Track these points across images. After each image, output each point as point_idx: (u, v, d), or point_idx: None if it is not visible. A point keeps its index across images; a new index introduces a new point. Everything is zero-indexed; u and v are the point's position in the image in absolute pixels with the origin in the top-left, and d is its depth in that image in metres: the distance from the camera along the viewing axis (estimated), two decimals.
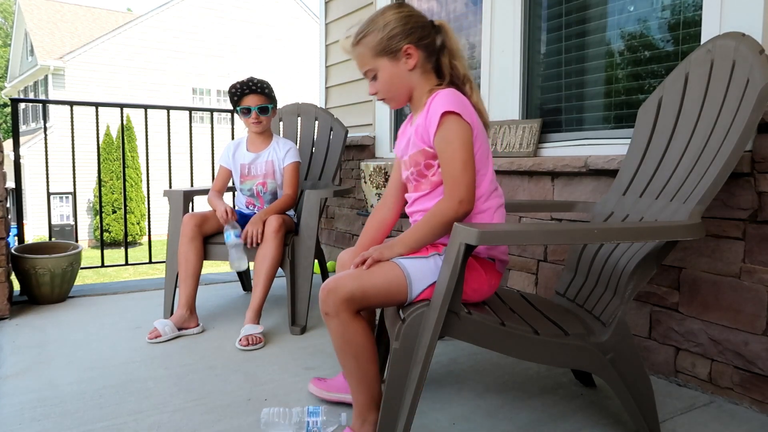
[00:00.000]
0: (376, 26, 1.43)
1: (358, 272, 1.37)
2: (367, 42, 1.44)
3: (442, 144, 1.38)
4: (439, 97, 1.40)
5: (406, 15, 1.43)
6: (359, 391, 1.41)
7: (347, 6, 3.88)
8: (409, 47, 1.42)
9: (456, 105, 1.37)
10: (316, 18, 19.41)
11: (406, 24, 1.42)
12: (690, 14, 1.94)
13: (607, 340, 1.43)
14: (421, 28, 1.43)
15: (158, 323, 2.31)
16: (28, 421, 1.60)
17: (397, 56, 1.43)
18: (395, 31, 1.41)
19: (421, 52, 1.44)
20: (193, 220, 2.44)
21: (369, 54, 1.44)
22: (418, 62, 1.44)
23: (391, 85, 1.47)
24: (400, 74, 1.45)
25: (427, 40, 1.44)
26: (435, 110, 1.38)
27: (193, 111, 3.73)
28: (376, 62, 1.45)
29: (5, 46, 30.62)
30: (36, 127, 18.39)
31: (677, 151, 1.62)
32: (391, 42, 1.41)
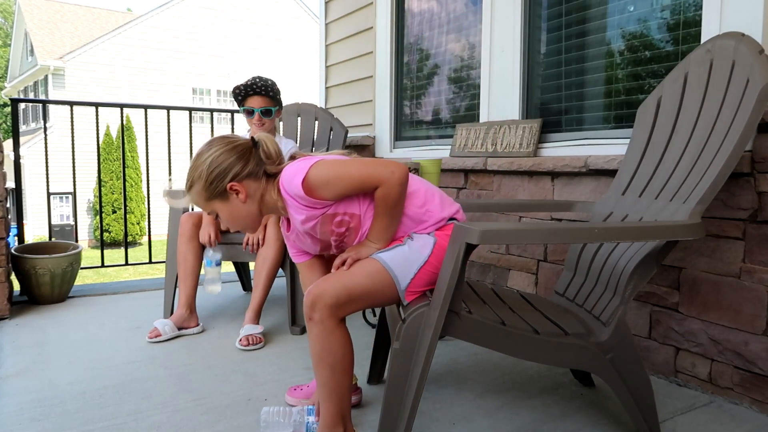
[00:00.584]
0: (196, 174, 1.41)
1: (340, 274, 1.36)
2: (195, 190, 1.43)
3: (331, 188, 1.37)
4: (285, 185, 1.38)
5: (220, 153, 1.40)
6: (329, 403, 1.36)
7: (347, 6, 3.88)
8: (232, 185, 1.40)
9: (297, 171, 1.36)
10: (316, 18, 19.42)
11: (221, 163, 1.39)
12: (690, 14, 1.94)
13: (607, 339, 1.43)
14: (237, 159, 1.40)
15: (158, 323, 2.31)
16: (28, 421, 1.60)
17: (225, 195, 1.42)
18: (213, 174, 1.39)
19: (247, 182, 1.41)
20: (191, 219, 2.44)
21: (201, 200, 1.44)
22: (248, 191, 1.42)
23: (234, 219, 1.46)
24: (237, 208, 1.44)
25: (248, 167, 1.41)
26: (297, 193, 1.36)
27: (193, 111, 3.73)
28: (212, 205, 1.44)
29: (5, 46, 30.63)
30: (36, 127, 18.39)
31: (677, 151, 1.62)
32: (213, 186, 1.40)
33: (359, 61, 3.79)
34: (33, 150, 16.38)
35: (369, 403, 1.71)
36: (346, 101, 3.99)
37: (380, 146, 3.61)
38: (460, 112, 3.02)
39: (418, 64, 3.35)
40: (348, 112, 3.92)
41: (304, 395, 1.71)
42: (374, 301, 1.39)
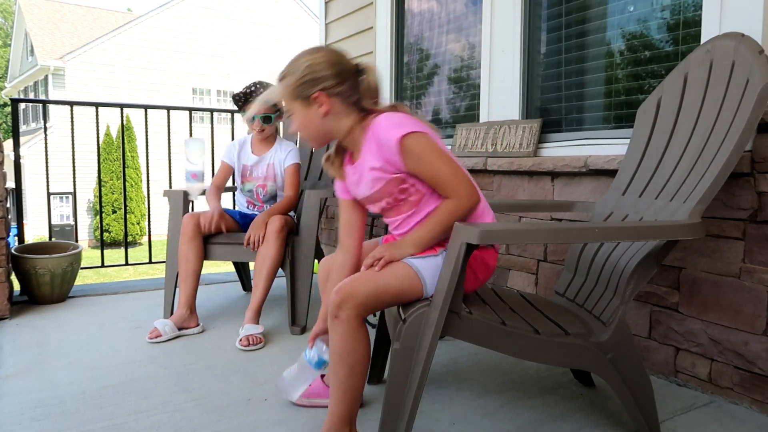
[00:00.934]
0: (291, 69, 1.42)
1: (372, 275, 1.35)
2: (285, 84, 1.43)
3: (417, 165, 1.37)
4: (381, 128, 1.37)
5: (319, 62, 1.40)
6: (341, 402, 1.35)
7: (347, 6, 3.88)
8: (318, 94, 1.40)
9: (402, 126, 1.35)
10: (316, 18, 19.42)
11: (317, 72, 1.39)
12: (690, 14, 1.94)
13: (607, 339, 1.43)
14: (334, 76, 1.40)
15: (158, 323, 2.31)
16: (28, 421, 1.60)
17: (309, 102, 1.41)
18: (305, 78, 1.39)
19: (334, 99, 1.41)
20: (192, 219, 2.44)
21: (286, 96, 1.44)
22: (332, 108, 1.41)
23: (305, 128, 1.46)
24: (314, 119, 1.43)
25: (342, 86, 1.41)
26: (387, 142, 1.36)
27: (193, 111, 3.73)
28: (292, 105, 1.44)
29: (5, 46, 30.63)
30: (36, 127, 18.39)
31: (677, 151, 1.62)
32: (302, 88, 1.40)
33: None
34: (33, 150, 16.38)
35: (369, 403, 1.71)
36: None
37: None
38: (460, 112, 3.02)
39: (418, 64, 3.35)
40: None
41: (306, 395, 1.71)
42: (396, 304, 1.38)
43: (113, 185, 15.17)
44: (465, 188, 1.37)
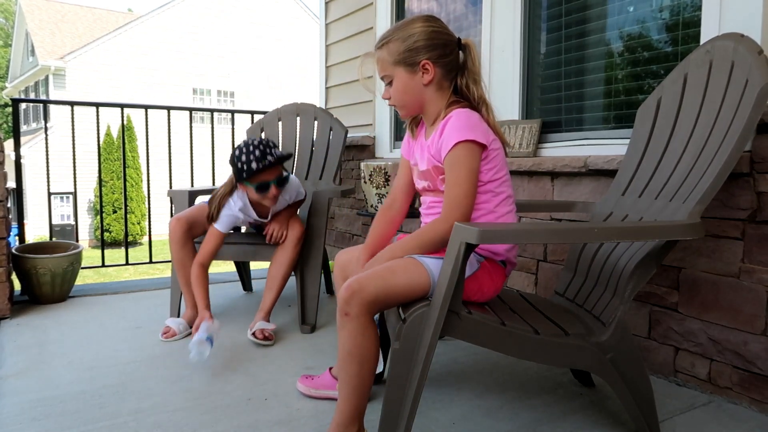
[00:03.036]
0: (401, 35, 1.44)
1: (381, 272, 1.35)
2: (389, 48, 1.45)
3: (451, 166, 1.41)
4: (454, 120, 1.41)
5: (433, 30, 1.44)
6: (350, 399, 1.36)
7: (347, 6, 3.88)
8: (426, 62, 1.43)
9: (469, 130, 1.39)
10: (316, 18, 19.42)
11: (429, 39, 1.43)
12: (689, 15, 1.95)
13: (607, 339, 1.43)
14: (443, 46, 1.45)
15: (171, 322, 2.32)
16: (29, 420, 1.60)
17: (415, 69, 1.44)
18: (417, 44, 1.43)
19: (438, 69, 1.45)
20: (180, 224, 2.32)
21: (389, 60, 1.46)
22: (435, 78, 1.45)
23: (404, 94, 1.49)
24: (415, 87, 1.47)
25: (448, 58, 1.46)
26: (449, 134, 1.40)
27: (193, 111, 3.73)
28: (394, 70, 1.47)
29: (6, 46, 30.63)
30: (37, 127, 18.40)
31: (676, 151, 1.63)
32: (410, 54, 1.43)
33: (359, 62, 3.79)
34: (34, 150, 16.39)
35: (369, 403, 1.70)
36: (346, 101, 3.99)
37: (380, 146, 3.61)
38: None
39: None
40: (348, 112, 3.92)
41: (314, 385, 1.72)
42: (404, 302, 1.39)
43: (114, 185, 15.17)
44: (459, 217, 1.39)
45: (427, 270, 1.37)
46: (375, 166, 2.59)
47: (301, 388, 1.74)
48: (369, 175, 2.57)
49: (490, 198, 1.48)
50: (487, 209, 1.48)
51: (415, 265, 1.38)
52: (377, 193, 2.61)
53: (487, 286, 1.48)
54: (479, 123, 1.43)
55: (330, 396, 1.71)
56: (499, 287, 1.53)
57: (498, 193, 1.48)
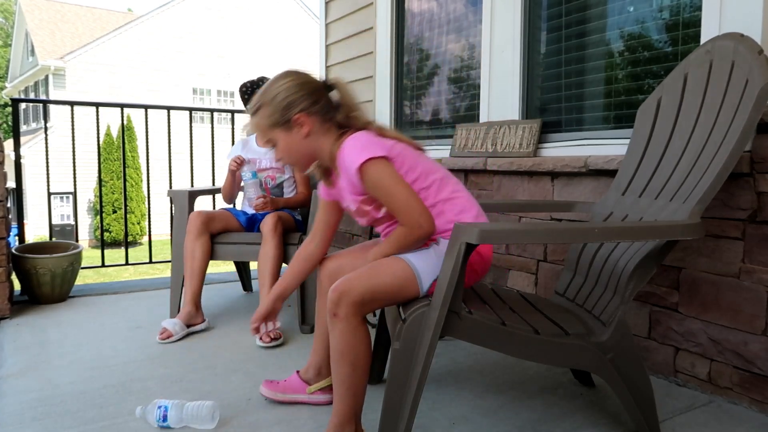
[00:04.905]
0: (266, 99, 1.44)
1: (368, 272, 1.36)
2: (261, 114, 1.45)
3: (375, 191, 1.41)
4: (345, 153, 1.40)
5: (294, 84, 1.43)
6: (345, 400, 1.37)
7: (347, 6, 3.88)
8: (299, 116, 1.42)
9: (363, 150, 1.37)
10: (316, 18, 19.42)
11: (293, 94, 1.42)
12: (689, 15, 1.95)
13: (607, 339, 1.43)
14: (309, 95, 1.43)
15: (167, 323, 2.32)
16: (29, 420, 1.60)
17: (290, 126, 1.43)
18: (284, 102, 1.42)
19: (314, 117, 1.44)
20: (199, 217, 2.44)
21: (264, 125, 1.45)
22: (313, 127, 1.44)
23: (290, 153, 1.48)
24: (297, 142, 1.45)
25: (319, 104, 1.44)
26: (350, 168, 1.39)
27: (193, 111, 3.73)
28: (272, 133, 1.46)
29: (6, 46, 30.62)
30: (36, 127, 18.40)
31: (676, 151, 1.63)
32: (281, 114, 1.42)
33: (359, 61, 3.79)
34: (33, 150, 16.38)
35: (369, 403, 1.71)
36: None
37: None
38: (460, 112, 3.02)
39: (418, 64, 3.35)
40: None
41: (280, 389, 1.71)
42: (395, 300, 1.40)
43: (113, 185, 15.17)
44: (414, 218, 1.39)
45: (411, 266, 1.37)
46: None
47: (266, 392, 1.71)
48: None
49: (424, 196, 1.46)
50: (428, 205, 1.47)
51: (399, 262, 1.38)
52: None
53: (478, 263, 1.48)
54: (369, 140, 1.41)
55: (299, 400, 1.70)
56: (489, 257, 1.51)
57: (427, 187, 1.46)
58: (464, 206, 1.49)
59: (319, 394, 1.70)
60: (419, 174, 1.45)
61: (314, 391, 1.70)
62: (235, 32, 20.07)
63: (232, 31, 20.04)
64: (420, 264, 1.38)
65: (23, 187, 3.54)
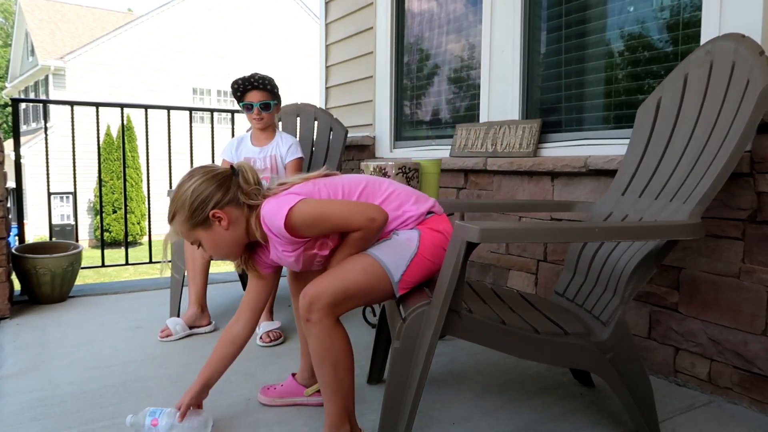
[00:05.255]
0: (177, 205, 1.42)
1: (334, 273, 1.37)
2: (178, 220, 1.44)
3: (312, 228, 1.39)
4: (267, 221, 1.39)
5: (200, 182, 1.42)
6: (334, 402, 1.37)
7: (347, 6, 3.88)
8: (214, 212, 1.41)
9: (279, 210, 1.36)
10: (316, 18, 19.42)
11: (203, 191, 1.41)
12: (689, 15, 1.95)
13: (607, 339, 1.43)
14: (218, 188, 1.42)
15: (170, 321, 2.32)
16: (29, 420, 1.60)
17: (208, 223, 1.42)
18: (194, 204, 1.40)
19: (228, 208, 1.42)
20: None
21: (184, 229, 1.44)
22: (231, 217, 1.43)
23: (216, 247, 1.47)
24: (220, 236, 1.44)
25: (229, 195, 1.43)
26: (279, 231, 1.37)
27: (193, 111, 3.73)
28: (195, 234, 1.45)
29: (6, 46, 30.62)
30: (36, 127, 18.39)
31: (677, 152, 1.63)
32: (196, 215, 1.41)
33: (359, 61, 3.79)
34: (33, 150, 16.38)
35: (369, 403, 1.71)
36: (346, 101, 3.99)
37: (380, 146, 3.61)
38: (460, 112, 3.02)
39: (418, 64, 3.35)
40: (348, 112, 3.92)
41: (277, 394, 1.71)
42: (369, 298, 1.40)
43: (113, 185, 15.17)
44: (363, 217, 1.38)
45: (377, 259, 1.38)
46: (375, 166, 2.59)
47: (264, 400, 1.71)
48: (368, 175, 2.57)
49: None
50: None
51: (365, 258, 1.39)
52: None
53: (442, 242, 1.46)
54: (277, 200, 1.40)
55: (297, 403, 1.70)
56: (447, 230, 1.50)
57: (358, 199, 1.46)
58: (401, 200, 1.48)
59: (317, 396, 1.70)
60: (342, 193, 1.46)
61: (312, 393, 1.70)
62: (235, 32, 20.07)
63: (232, 31, 20.03)
64: (385, 256, 1.38)
65: (23, 187, 3.54)
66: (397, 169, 2.38)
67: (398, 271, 1.38)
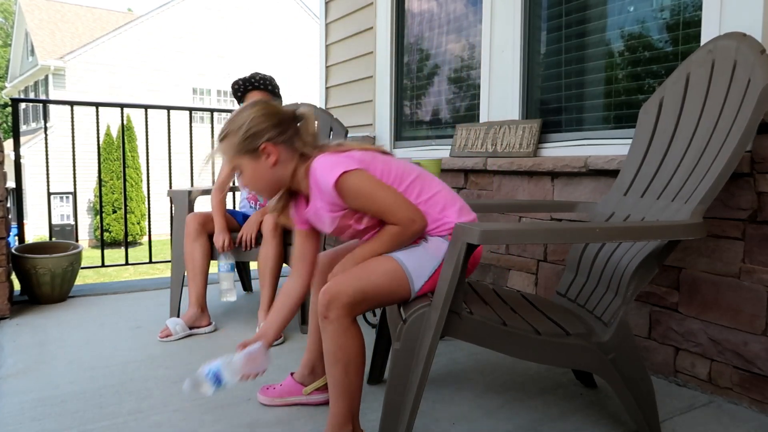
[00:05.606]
0: (233, 127, 1.44)
1: (357, 273, 1.36)
2: (228, 142, 1.45)
3: (356, 201, 1.40)
4: (318, 174, 1.40)
5: (261, 114, 1.43)
6: (340, 401, 1.37)
7: (347, 6, 3.88)
8: (266, 145, 1.42)
9: (334, 168, 1.37)
10: (316, 18, 19.41)
11: (260, 123, 1.42)
12: (690, 14, 1.94)
13: (608, 340, 1.43)
14: (277, 125, 1.43)
15: (170, 322, 2.31)
16: (28, 420, 1.60)
17: (257, 155, 1.43)
18: (251, 131, 1.42)
19: (280, 147, 1.44)
20: (196, 219, 2.44)
21: (231, 153, 1.46)
22: (280, 156, 1.44)
23: (256, 180, 1.48)
24: (263, 171, 1.45)
25: (286, 134, 1.44)
26: (325, 187, 1.38)
27: (193, 111, 3.73)
28: (239, 161, 1.46)
29: (6, 46, 30.62)
30: (36, 127, 18.38)
31: (678, 152, 1.62)
32: (247, 142, 1.42)
33: (359, 61, 3.79)
34: (33, 150, 16.37)
35: (369, 403, 1.71)
36: (346, 101, 3.99)
37: None
38: (460, 112, 3.02)
39: (418, 64, 3.35)
40: (348, 112, 3.92)
41: (277, 394, 1.71)
42: (387, 301, 1.39)
43: (113, 185, 15.16)
44: (405, 215, 1.39)
45: (401, 265, 1.37)
46: None
47: (263, 399, 1.71)
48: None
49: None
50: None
51: (389, 261, 1.38)
52: None
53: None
54: (335, 157, 1.41)
55: (296, 402, 1.70)
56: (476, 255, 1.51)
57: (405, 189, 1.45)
58: (446, 202, 1.48)
59: (316, 394, 1.70)
60: (394, 177, 1.45)
61: (311, 391, 1.70)
62: (235, 32, 20.06)
63: (232, 31, 20.03)
64: (411, 263, 1.38)
65: (23, 187, 3.54)
66: None
67: (420, 281, 1.38)
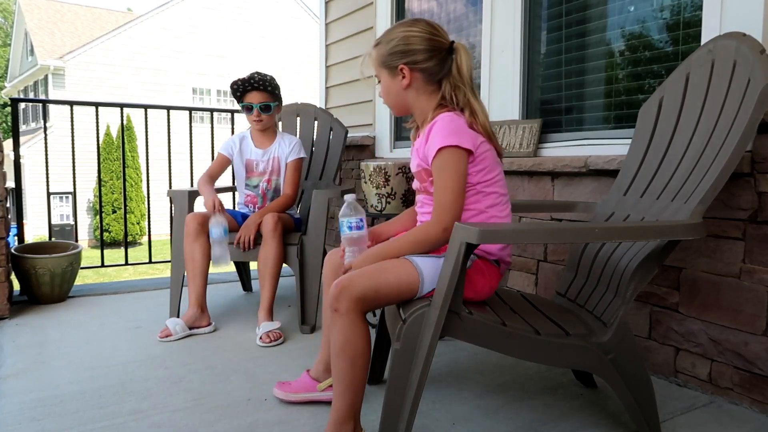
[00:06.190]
0: (385, 38, 1.50)
1: (370, 271, 1.37)
2: (378, 50, 1.52)
3: (439, 171, 1.43)
4: (438, 126, 1.43)
5: (413, 36, 1.46)
6: (343, 397, 1.37)
7: (347, 6, 3.88)
8: (403, 67, 1.47)
9: (453, 135, 1.40)
10: (316, 18, 19.42)
11: (407, 45, 1.46)
12: (690, 14, 1.94)
13: (608, 340, 1.43)
14: (423, 51, 1.46)
15: (169, 322, 2.31)
16: (28, 420, 1.59)
17: (394, 72, 1.50)
18: (397, 48, 1.47)
19: (417, 74, 1.48)
20: (195, 219, 2.43)
21: (376, 62, 1.53)
22: (413, 83, 1.49)
23: (387, 94, 1.56)
24: (395, 89, 1.52)
25: (427, 63, 1.47)
26: (434, 140, 1.42)
27: (193, 111, 3.73)
28: (380, 71, 1.53)
29: (5, 45, 30.61)
30: (36, 127, 18.38)
31: (678, 151, 1.62)
32: (390, 57, 1.49)
33: (359, 61, 3.78)
34: (33, 150, 16.38)
35: (369, 403, 1.70)
36: (346, 101, 3.99)
37: (380, 146, 3.60)
38: None
39: None
40: (348, 112, 3.92)
41: (292, 389, 1.72)
42: (395, 301, 1.40)
43: (113, 185, 15.16)
44: (448, 220, 1.40)
45: (417, 269, 1.37)
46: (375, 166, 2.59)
47: (279, 394, 1.72)
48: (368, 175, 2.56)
49: (480, 199, 1.48)
50: (478, 209, 1.48)
51: (405, 264, 1.39)
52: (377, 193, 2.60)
53: (481, 285, 1.48)
54: (463, 128, 1.43)
55: (310, 399, 1.70)
56: (494, 286, 1.53)
57: (488, 194, 1.48)
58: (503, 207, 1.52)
59: (330, 390, 1.70)
60: (492, 181, 1.48)
61: (324, 387, 1.70)
62: (235, 32, 20.06)
63: (232, 31, 20.03)
64: (426, 268, 1.38)
65: (23, 187, 3.54)
66: (397, 169, 2.38)
67: (431, 286, 1.38)
